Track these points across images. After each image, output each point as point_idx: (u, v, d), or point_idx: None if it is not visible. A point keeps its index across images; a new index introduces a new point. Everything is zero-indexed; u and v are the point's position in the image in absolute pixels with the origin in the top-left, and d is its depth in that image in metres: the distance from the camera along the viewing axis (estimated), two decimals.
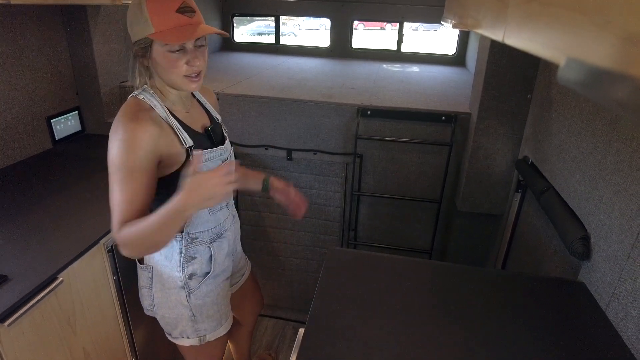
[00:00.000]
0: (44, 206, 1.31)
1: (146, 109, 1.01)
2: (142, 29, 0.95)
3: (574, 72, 0.29)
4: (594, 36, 0.29)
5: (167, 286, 1.16)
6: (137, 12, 0.95)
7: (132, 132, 0.97)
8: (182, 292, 1.16)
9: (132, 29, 0.98)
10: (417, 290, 1.02)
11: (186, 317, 1.20)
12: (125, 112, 1.00)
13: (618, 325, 0.91)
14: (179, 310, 1.19)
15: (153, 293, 1.18)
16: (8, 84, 1.56)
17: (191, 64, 0.99)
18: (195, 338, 1.24)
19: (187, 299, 1.17)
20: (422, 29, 15.12)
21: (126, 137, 0.97)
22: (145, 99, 1.02)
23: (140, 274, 1.20)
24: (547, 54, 0.37)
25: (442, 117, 1.78)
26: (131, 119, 0.98)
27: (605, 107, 1.04)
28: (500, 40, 0.54)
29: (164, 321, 1.24)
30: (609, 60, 0.26)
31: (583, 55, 0.30)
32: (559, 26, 0.36)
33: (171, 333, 1.25)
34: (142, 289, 1.21)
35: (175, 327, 1.23)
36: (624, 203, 0.93)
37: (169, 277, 1.15)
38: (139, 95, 1.02)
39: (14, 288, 0.96)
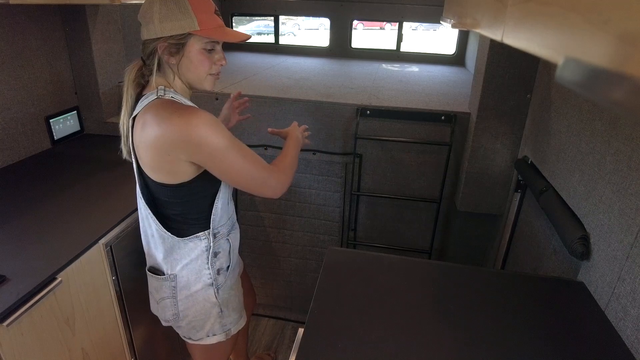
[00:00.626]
0: (43, 206, 1.31)
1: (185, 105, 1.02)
2: (183, 24, 0.97)
3: (571, 71, 0.29)
4: (591, 35, 0.29)
5: (193, 289, 1.16)
6: (172, 8, 0.96)
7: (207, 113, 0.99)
8: (211, 289, 1.17)
9: (162, 24, 0.97)
10: (417, 290, 1.02)
11: (214, 315, 1.21)
12: (177, 105, 0.99)
13: (617, 325, 0.91)
14: (207, 310, 1.19)
15: (177, 302, 1.17)
16: (7, 84, 1.55)
17: (219, 63, 1.06)
18: (222, 334, 1.25)
19: (216, 296, 1.19)
20: (422, 28, 15.12)
21: (205, 117, 0.97)
22: (174, 99, 1.02)
23: (159, 286, 1.17)
24: (545, 54, 0.37)
25: (441, 117, 1.78)
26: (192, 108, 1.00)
27: (603, 107, 1.04)
28: (499, 40, 0.54)
29: (189, 326, 1.22)
30: (606, 60, 0.26)
31: (580, 54, 0.30)
32: (556, 25, 0.36)
33: (194, 336, 1.24)
34: (162, 300, 1.19)
35: (201, 328, 1.22)
36: (623, 203, 0.93)
37: (197, 278, 1.15)
38: (166, 95, 1.01)
39: (12, 288, 0.96)
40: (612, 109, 0.24)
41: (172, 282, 1.16)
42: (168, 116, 0.95)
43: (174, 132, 0.95)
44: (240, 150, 1.01)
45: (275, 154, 1.99)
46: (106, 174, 1.55)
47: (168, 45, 0.99)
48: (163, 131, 0.95)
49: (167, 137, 0.95)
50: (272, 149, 1.98)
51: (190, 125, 0.95)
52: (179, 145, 0.95)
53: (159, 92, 1.01)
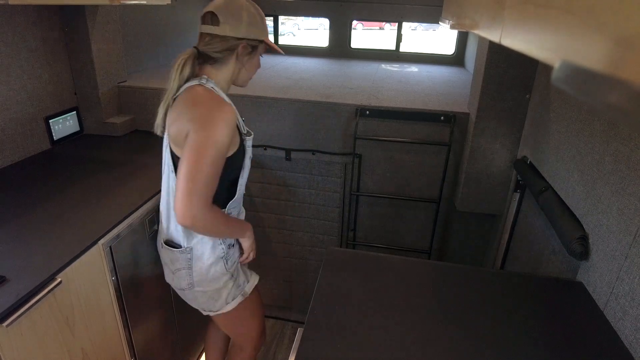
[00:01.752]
0: (43, 207, 1.31)
1: (221, 97, 1.15)
2: (262, 32, 1.19)
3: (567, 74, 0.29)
4: (586, 38, 0.29)
5: (207, 262, 1.26)
6: (257, 18, 1.17)
7: (230, 114, 1.10)
8: (221, 261, 1.28)
9: (249, 28, 1.15)
10: (416, 290, 1.03)
11: (227, 281, 1.31)
12: (212, 96, 1.12)
13: (616, 325, 0.91)
14: (220, 279, 1.30)
15: (192, 272, 1.27)
16: (6, 84, 1.55)
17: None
18: (239, 296, 1.36)
19: (225, 266, 1.29)
20: (421, 28, 15.13)
21: (226, 118, 1.08)
22: (214, 90, 1.15)
23: (175, 258, 1.27)
24: (543, 56, 0.37)
25: (440, 117, 1.78)
26: (223, 103, 1.12)
27: (598, 111, 1.04)
28: (498, 42, 0.54)
29: (204, 297, 1.32)
30: (601, 63, 0.26)
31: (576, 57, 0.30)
32: (552, 28, 0.36)
33: (214, 307, 1.34)
34: (178, 271, 1.28)
35: (218, 297, 1.32)
36: (622, 203, 0.93)
37: (212, 251, 1.26)
38: (207, 85, 1.14)
39: (12, 289, 0.96)
40: (607, 113, 0.25)
41: (188, 255, 1.25)
42: (205, 101, 1.10)
43: (200, 112, 1.07)
44: (215, 159, 1.08)
45: (275, 154, 1.99)
46: (106, 175, 1.55)
47: (246, 46, 1.17)
48: (189, 110, 1.08)
49: (189, 116, 1.07)
50: (272, 149, 1.99)
51: (205, 112, 1.08)
52: (191, 124, 1.06)
53: (201, 80, 1.14)
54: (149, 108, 2.02)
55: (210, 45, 1.15)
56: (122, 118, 1.99)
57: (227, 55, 1.17)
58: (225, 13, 1.12)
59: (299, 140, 1.94)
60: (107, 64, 1.92)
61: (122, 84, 2.02)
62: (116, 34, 1.95)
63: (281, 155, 2.00)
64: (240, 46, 1.16)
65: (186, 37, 2.82)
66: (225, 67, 1.19)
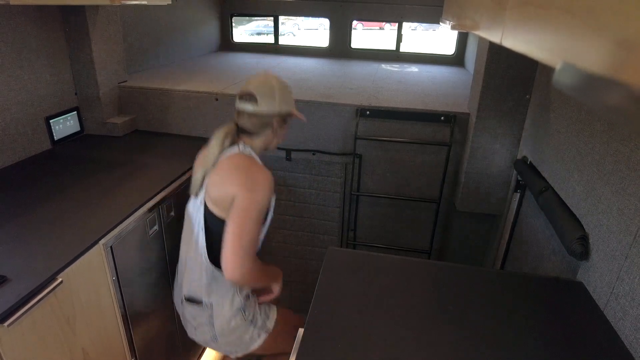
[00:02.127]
0: (43, 206, 1.31)
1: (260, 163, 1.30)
2: (290, 106, 1.33)
3: (568, 76, 0.30)
4: (587, 40, 0.29)
5: (227, 315, 1.32)
6: (287, 94, 1.32)
7: (270, 178, 1.24)
8: (240, 312, 1.33)
9: (282, 105, 1.29)
10: (416, 290, 1.03)
11: (248, 327, 1.36)
12: (253, 162, 1.27)
13: (616, 325, 0.91)
14: (240, 328, 1.35)
15: (214, 326, 1.33)
16: (7, 84, 1.55)
17: None
18: (263, 333, 1.39)
19: (244, 316, 1.34)
20: (421, 29, 15.12)
21: (267, 182, 1.23)
22: (252, 156, 1.30)
23: (197, 313, 1.34)
24: (543, 57, 0.37)
25: (441, 117, 1.78)
26: (263, 168, 1.27)
27: (599, 113, 1.04)
28: (498, 42, 0.54)
29: (229, 346, 1.39)
30: (601, 66, 0.26)
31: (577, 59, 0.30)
32: (553, 29, 0.36)
33: (240, 351, 1.40)
34: (200, 326, 1.35)
35: (241, 342, 1.37)
36: (622, 203, 0.93)
37: (230, 305, 1.31)
38: (245, 151, 1.29)
39: (13, 288, 0.96)
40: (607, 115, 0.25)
41: (210, 311, 1.31)
42: (250, 166, 1.25)
43: (245, 178, 1.21)
44: (259, 220, 1.23)
45: (275, 154, 1.99)
46: (106, 175, 1.55)
47: (280, 120, 1.32)
48: (235, 176, 1.22)
49: (238, 180, 1.21)
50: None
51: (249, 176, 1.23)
52: (237, 190, 1.20)
53: (240, 147, 1.29)
54: (149, 108, 2.02)
55: (250, 121, 1.29)
56: (123, 118, 1.99)
57: (263, 129, 1.31)
58: (262, 94, 1.26)
59: (299, 140, 1.94)
60: (108, 64, 1.92)
61: (122, 84, 2.02)
62: (117, 34, 1.95)
63: (281, 155, 2.00)
64: (275, 121, 1.31)
65: (186, 37, 2.82)
66: (260, 138, 1.33)
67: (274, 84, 1.30)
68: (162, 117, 2.03)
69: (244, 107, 1.28)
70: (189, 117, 2.00)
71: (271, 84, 1.29)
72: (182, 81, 2.12)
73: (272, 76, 1.32)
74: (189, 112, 1.99)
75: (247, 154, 1.28)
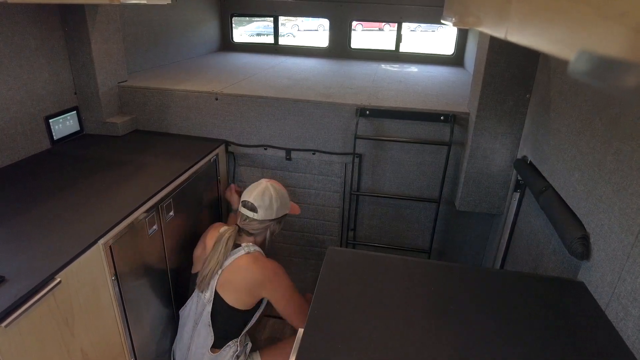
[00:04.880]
0: (42, 206, 1.31)
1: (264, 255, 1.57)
2: (285, 209, 1.61)
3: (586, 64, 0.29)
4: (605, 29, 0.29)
5: None
6: (283, 200, 1.59)
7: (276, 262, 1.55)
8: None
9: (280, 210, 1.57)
10: (416, 290, 1.02)
11: None
12: (260, 257, 1.53)
13: (618, 325, 0.91)
14: None
15: None
16: (6, 83, 1.55)
17: None
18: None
19: None
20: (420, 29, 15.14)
21: (277, 264, 1.54)
22: (257, 251, 1.55)
23: None
24: (554, 50, 0.37)
25: (440, 117, 1.78)
26: (269, 259, 1.56)
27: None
28: (503, 38, 0.54)
29: None
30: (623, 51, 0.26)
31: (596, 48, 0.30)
32: (565, 20, 0.36)
33: None
34: None
35: None
36: (623, 202, 0.93)
37: None
38: (250, 250, 1.52)
39: (11, 289, 0.96)
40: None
41: None
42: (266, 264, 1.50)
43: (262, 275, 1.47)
44: (292, 287, 1.54)
45: (275, 154, 1.99)
46: (106, 174, 1.55)
47: (279, 220, 1.59)
48: (254, 274, 1.47)
49: (257, 278, 1.47)
50: (272, 149, 1.98)
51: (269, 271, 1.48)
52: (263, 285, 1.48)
53: (246, 248, 1.51)
54: (149, 108, 2.02)
55: (250, 225, 1.55)
56: (123, 118, 1.99)
57: (262, 230, 1.56)
58: (260, 204, 1.52)
59: (299, 140, 1.94)
60: (107, 64, 1.92)
61: (122, 84, 2.01)
62: (116, 34, 1.95)
63: (281, 155, 1.99)
64: (272, 224, 1.57)
65: (186, 37, 2.82)
66: (260, 236, 1.58)
67: (272, 194, 1.55)
68: (161, 117, 2.02)
69: (246, 214, 1.54)
70: (189, 117, 1.99)
71: (270, 195, 1.54)
72: (181, 81, 2.12)
73: (270, 186, 1.56)
74: (189, 112, 1.98)
75: (252, 252, 1.51)
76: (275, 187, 1.57)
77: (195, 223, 1.81)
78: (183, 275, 1.73)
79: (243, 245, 1.52)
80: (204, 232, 1.66)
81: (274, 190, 1.56)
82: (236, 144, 2.01)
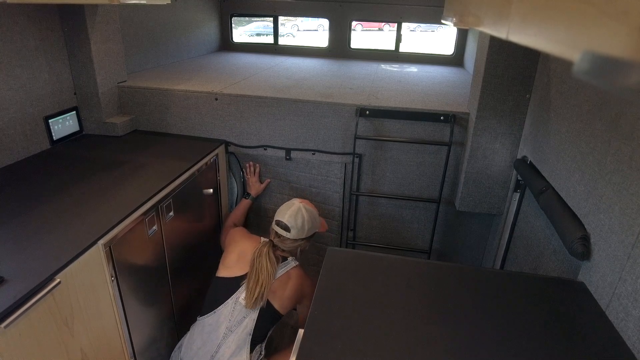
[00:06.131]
0: (42, 207, 1.31)
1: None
2: (316, 229, 1.70)
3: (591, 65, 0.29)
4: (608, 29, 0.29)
5: None
6: (314, 221, 1.68)
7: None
8: None
9: (311, 230, 1.66)
10: (416, 290, 1.02)
11: None
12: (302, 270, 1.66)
13: (618, 326, 0.91)
14: None
15: None
16: (5, 83, 1.55)
17: None
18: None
19: None
20: (420, 29, 15.14)
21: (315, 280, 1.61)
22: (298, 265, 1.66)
23: None
24: (556, 50, 0.37)
25: (440, 117, 1.78)
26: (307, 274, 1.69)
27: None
28: (504, 38, 0.53)
29: None
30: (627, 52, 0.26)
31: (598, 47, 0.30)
32: (567, 20, 0.36)
33: None
34: None
35: None
36: (624, 202, 0.93)
37: None
38: (296, 264, 1.65)
39: (10, 289, 0.95)
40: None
41: None
42: (307, 277, 1.66)
43: (309, 287, 1.64)
44: None
45: (275, 154, 1.99)
46: (105, 174, 1.54)
47: (307, 240, 1.69)
48: (304, 286, 1.62)
49: (306, 289, 1.63)
50: (272, 149, 1.98)
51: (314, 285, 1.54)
52: (307, 296, 1.64)
53: (293, 262, 1.64)
54: (148, 108, 2.02)
55: (284, 243, 1.64)
56: (122, 118, 1.99)
57: (296, 249, 1.66)
58: (294, 225, 1.60)
59: (299, 140, 1.94)
60: (107, 64, 1.92)
61: (122, 84, 2.01)
62: (116, 34, 1.95)
63: (281, 155, 1.99)
64: (304, 241, 1.66)
65: (186, 37, 2.82)
66: (293, 252, 1.67)
67: (304, 216, 1.63)
68: (161, 117, 2.02)
69: (280, 232, 1.62)
70: (189, 117, 1.99)
71: (302, 216, 1.63)
72: (181, 81, 2.11)
73: (303, 208, 1.64)
74: (189, 112, 1.98)
75: (297, 265, 1.65)
76: (307, 208, 1.67)
77: (195, 223, 1.81)
78: (183, 275, 1.73)
79: (290, 259, 1.65)
80: (232, 239, 1.72)
81: (306, 211, 1.65)
82: (236, 145, 2.01)
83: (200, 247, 1.87)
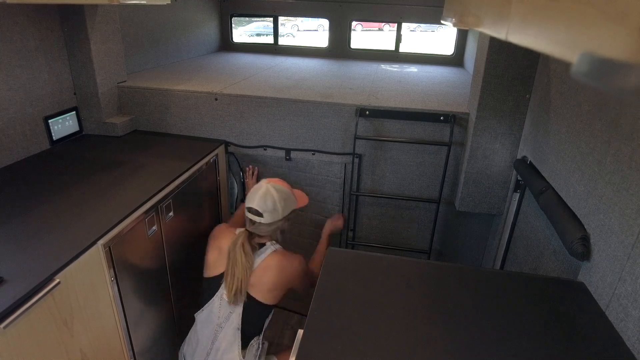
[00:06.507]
0: (42, 207, 1.31)
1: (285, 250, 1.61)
2: (292, 206, 1.58)
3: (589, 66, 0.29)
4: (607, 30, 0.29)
5: None
6: (288, 198, 1.56)
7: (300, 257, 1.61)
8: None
9: (284, 210, 1.54)
10: (416, 290, 1.02)
11: None
12: (286, 253, 1.57)
13: (618, 326, 0.91)
14: None
15: None
16: (5, 84, 1.55)
17: None
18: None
19: None
20: (420, 29, 15.13)
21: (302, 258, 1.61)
22: (280, 248, 1.59)
23: None
24: (555, 51, 0.37)
25: (440, 117, 1.78)
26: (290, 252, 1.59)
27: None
28: (504, 38, 0.53)
29: None
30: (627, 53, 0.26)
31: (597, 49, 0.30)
32: (567, 21, 0.36)
33: None
34: None
35: None
36: (624, 203, 0.93)
37: None
38: (276, 247, 1.57)
39: (10, 290, 0.95)
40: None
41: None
42: (287, 260, 1.54)
43: (294, 270, 1.54)
44: (308, 269, 1.65)
45: (275, 154, 1.99)
46: (105, 174, 1.54)
47: (289, 216, 1.58)
48: (286, 271, 1.52)
49: (290, 274, 1.53)
50: (272, 149, 1.98)
51: (300, 265, 1.57)
52: (294, 279, 1.54)
53: (272, 247, 1.55)
54: (148, 108, 2.02)
55: (259, 229, 1.53)
56: (122, 118, 1.99)
57: (276, 232, 1.58)
58: (265, 208, 1.50)
59: (299, 140, 1.94)
60: (107, 64, 1.92)
61: (121, 84, 2.01)
62: (116, 34, 1.95)
63: (281, 156, 1.99)
64: (281, 222, 1.55)
65: (186, 37, 2.82)
66: (274, 234, 1.58)
67: (274, 196, 1.51)
68: (161, 117, 2.02)
69: (253, 219, 1.52)
70: (189, 117, 1.99)
71: (272, 197, 1.51)
72: (181, 81, 2.11)
73: (271, 188, 1.53)
74: (189, 112, 1.98)
75: (277, 250, 1.55)
76: (277, 187, 1.54)
77: (195, 223, 1.81)
78: (183, 275, 1.72)
79: (268, 244, 1.55)
80: (212, 236, 1.64)
81: (275, 191, 1.52)
82: (236, 145, 2.01)
83: (200, 247, 1.87)
